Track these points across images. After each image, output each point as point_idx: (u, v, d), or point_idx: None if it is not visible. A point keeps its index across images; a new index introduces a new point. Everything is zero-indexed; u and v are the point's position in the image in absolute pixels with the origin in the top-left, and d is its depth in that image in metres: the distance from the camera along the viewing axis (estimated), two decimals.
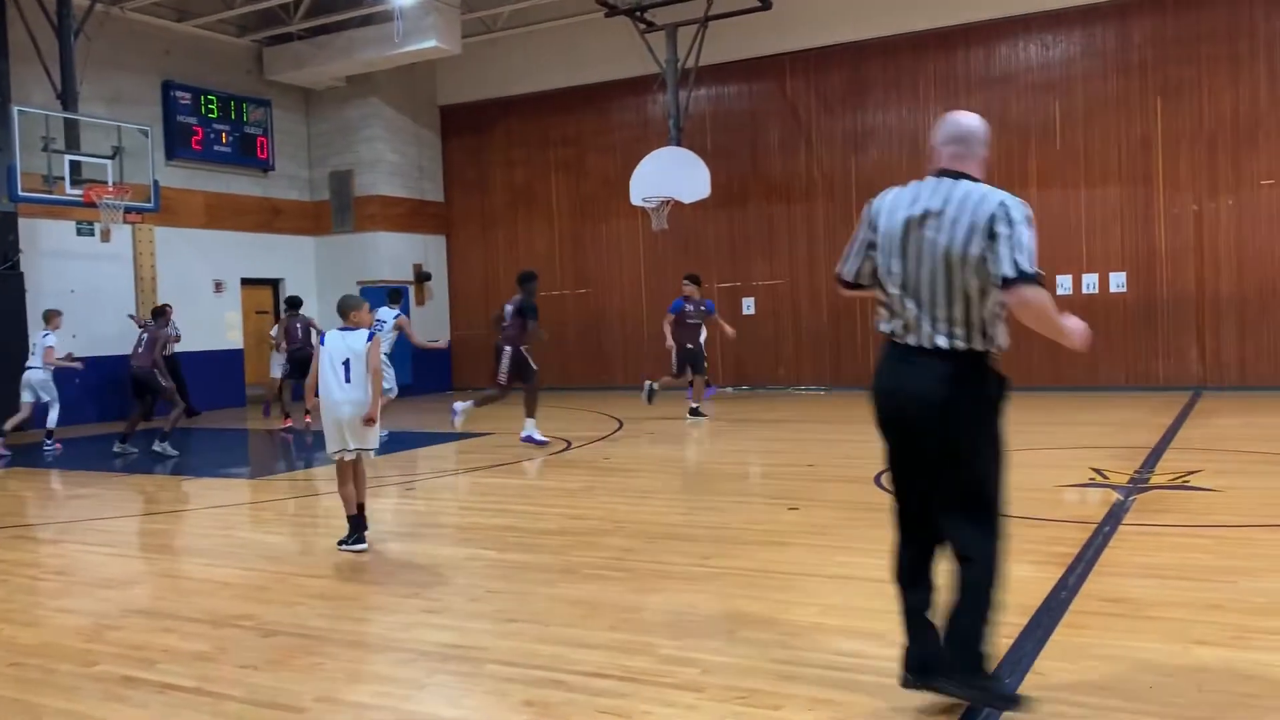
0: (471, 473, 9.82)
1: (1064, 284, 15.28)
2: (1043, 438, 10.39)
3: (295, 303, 14.24)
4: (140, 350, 11.63)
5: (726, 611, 4.85)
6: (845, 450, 10.14)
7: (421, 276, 19.82)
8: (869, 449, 9.57)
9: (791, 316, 17.14)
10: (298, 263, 19.26)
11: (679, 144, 16.48)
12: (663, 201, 15.86)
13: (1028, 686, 3.72)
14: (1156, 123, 14.76)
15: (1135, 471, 8.11)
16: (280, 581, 5.75)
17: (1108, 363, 15.09)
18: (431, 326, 19.16)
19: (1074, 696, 3.63)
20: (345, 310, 6.51)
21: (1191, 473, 7.94)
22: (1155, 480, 7.74)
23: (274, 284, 19.04)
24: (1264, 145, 14.15)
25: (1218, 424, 11.13)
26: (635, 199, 16.02)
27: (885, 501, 7.21)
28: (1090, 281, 15.16)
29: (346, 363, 6.26)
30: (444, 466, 10.42)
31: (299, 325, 13.89)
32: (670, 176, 15.78)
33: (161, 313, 13.02)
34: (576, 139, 18.98)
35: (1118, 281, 15.02)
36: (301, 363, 13.23)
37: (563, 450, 10.82)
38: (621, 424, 13.04)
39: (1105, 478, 7.89)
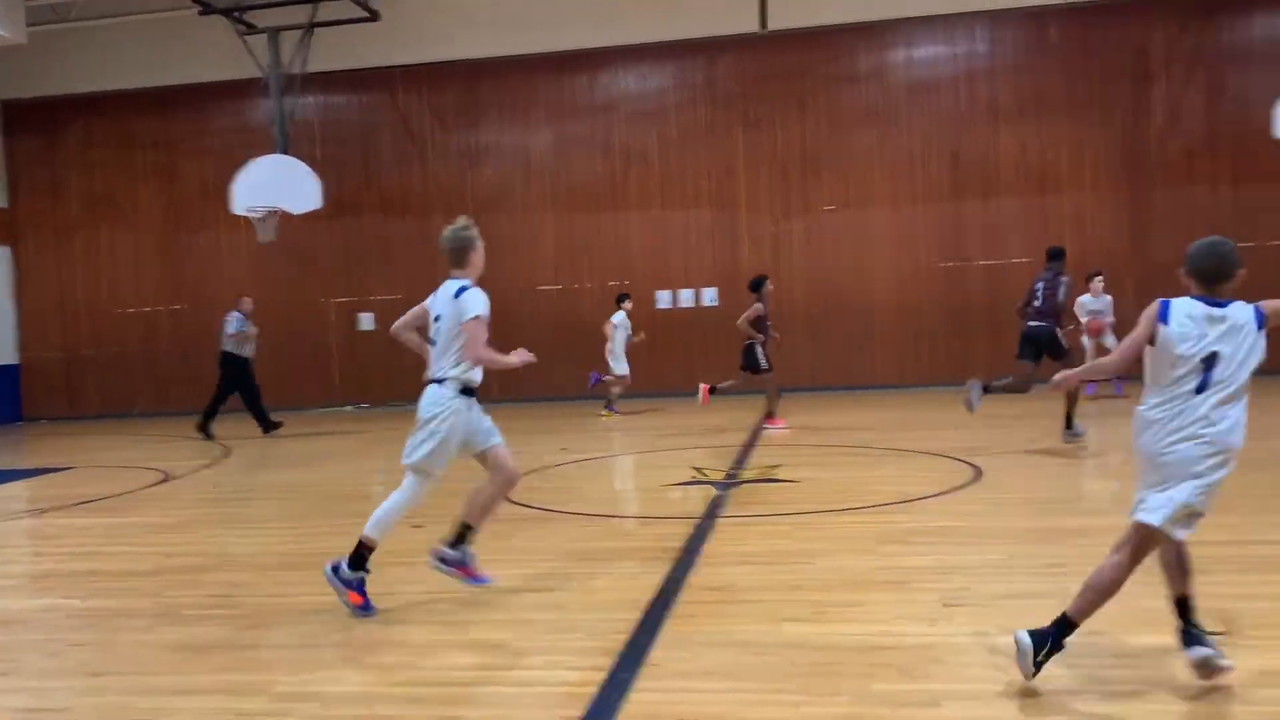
0: (48, 513, 8.69)
1: (663, 299, 16.42)
2: (651, 441, 11.08)
3: None
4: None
5: (348, 639, 4.68)
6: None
7: None
8: None
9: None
10: None
11: (285, 152, 15.71)
12: (269, 212, 15.02)
13: (645, 677, 3.94)
14: (739, 152, 16.31)
15: (730, 468, 8.87)
16: None
17: (704, 370, 16.37)
18: None
19: (686, 683, 3.89)
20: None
21: (776, 467, 8.82)
22: (746, 475, 8.52)
23: None
24: (826, 175, 16.12)
25: (795, 422, 12.45)
26: (238, 208, 15.03)
27: (511, 511, 7.35)
28: (686, 297, 16.44)
29: (1209, 358, 3.51)
30: (12, 508, 9.14)
31: None
32: (277, 186, 14.97)
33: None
34: (168, 142, 17.50)
35: (710, 296, 16.40)
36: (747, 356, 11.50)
37: (159, 483, 9.89)
38: (229, 450, 12.17)
39: (705, 475, 8.55)
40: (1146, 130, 15.23)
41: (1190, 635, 3.63)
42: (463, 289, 4.84)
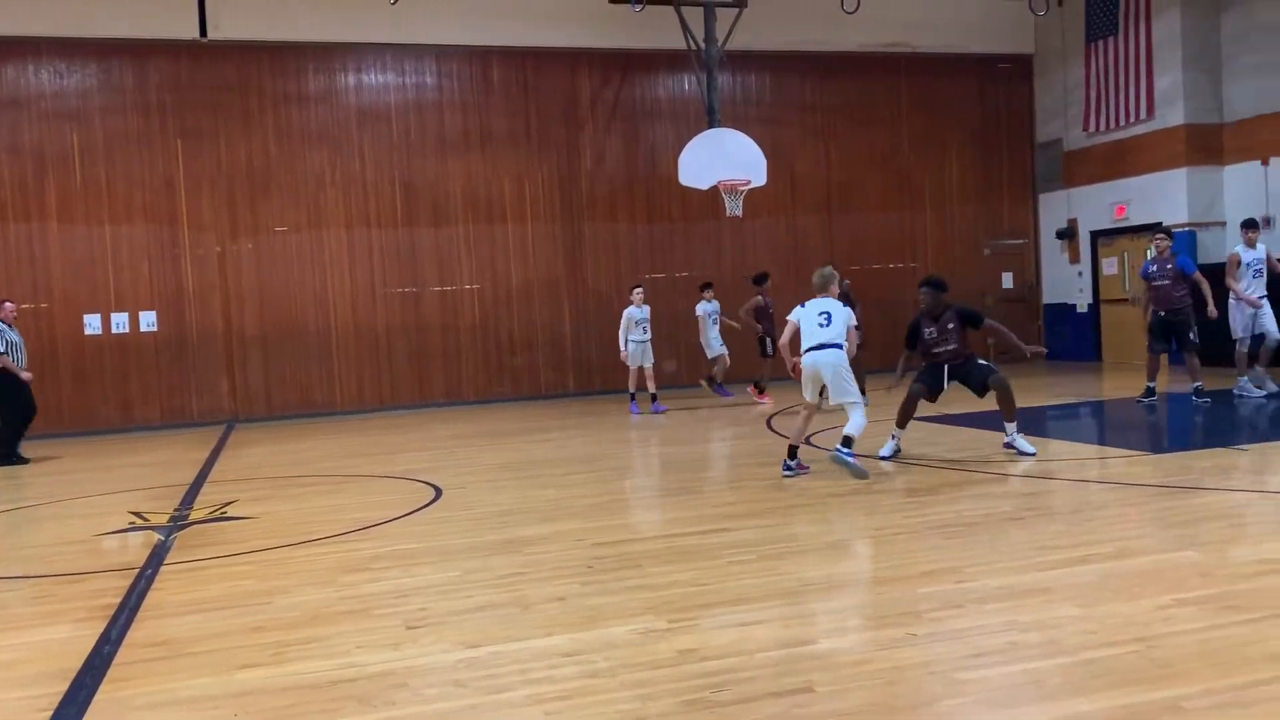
0: None
1: (93, 324, 14.66)
2: (77, 487, 9.81)
3: None
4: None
5: None
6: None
7: None
8: None
9: None
10: None
11: None
12: None
13: None
14: (179, 165, 15.10)
15: (175, 510, 8.13)
16: None
17: (142, 402, 14.91)
18: None
19: None
20: None
21: (229, 503, 8.27)
22: (195, 516, 7.87)
23: None
24: (276, 195, 15.51)
25: (250, 454, 11.80)
26: None
27: None
28: (120, 320, 14.79)
29: None
30: None
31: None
32: None
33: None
34: None
35: (148, 320, 14.94)
36: None
37: None
38: None
39: (146, 520, 7.75)
40: (579, 169, 16.79)
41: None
42: (841, 305, 8.00)
